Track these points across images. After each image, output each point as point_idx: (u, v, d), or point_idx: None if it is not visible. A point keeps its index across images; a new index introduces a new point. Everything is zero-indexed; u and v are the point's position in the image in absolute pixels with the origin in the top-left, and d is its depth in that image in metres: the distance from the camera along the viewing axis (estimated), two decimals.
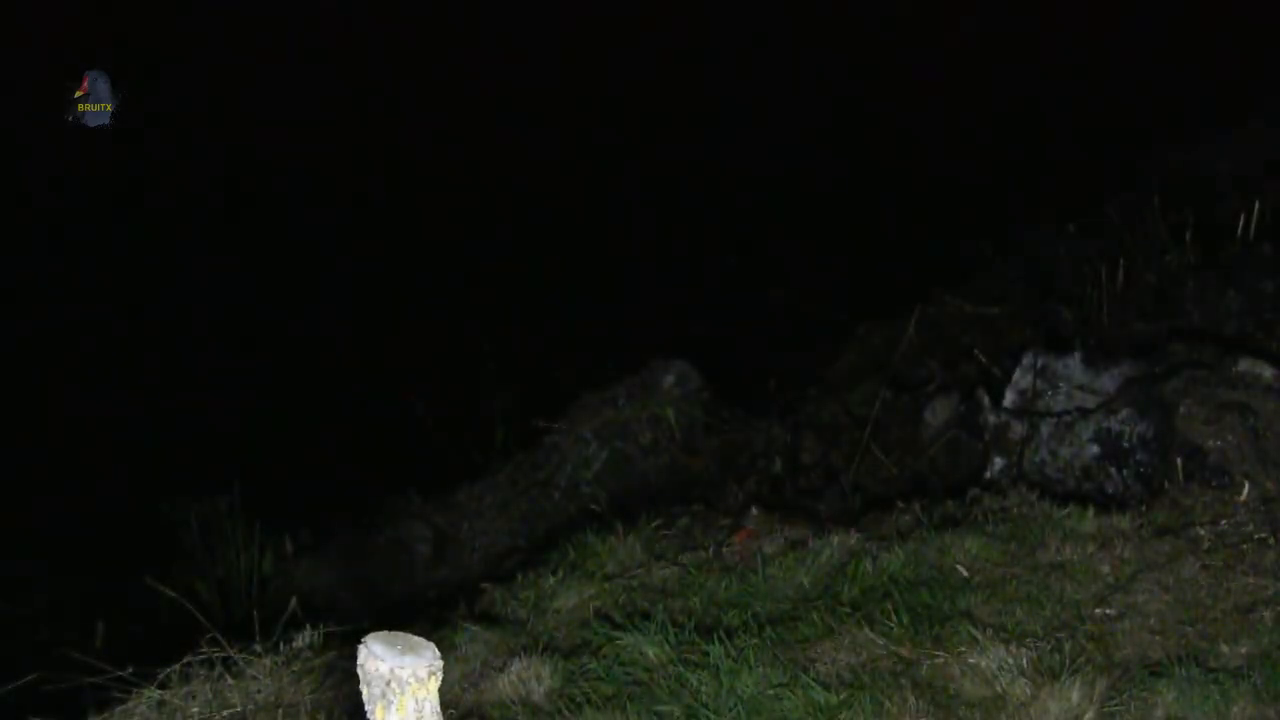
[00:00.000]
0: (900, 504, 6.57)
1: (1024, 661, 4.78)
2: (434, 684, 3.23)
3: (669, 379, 9.11)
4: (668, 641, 5.32)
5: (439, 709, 3.27)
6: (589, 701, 4.99)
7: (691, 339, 10.23)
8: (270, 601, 7.91)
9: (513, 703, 5.13)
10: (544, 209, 15.39)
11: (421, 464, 10.03)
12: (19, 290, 13.19)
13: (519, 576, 6.61)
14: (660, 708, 4.87)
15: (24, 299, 13.15)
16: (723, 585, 5.92)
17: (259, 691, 5.55)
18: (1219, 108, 11.88)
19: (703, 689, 4.92)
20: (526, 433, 9.40)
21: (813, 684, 4.83)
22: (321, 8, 17.44)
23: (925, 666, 4.88)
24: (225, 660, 5.74)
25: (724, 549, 6.38)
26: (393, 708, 3.21)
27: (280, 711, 5.36)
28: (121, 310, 13.47)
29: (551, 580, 6.32)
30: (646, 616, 5.63)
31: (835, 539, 6.12)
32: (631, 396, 9.07)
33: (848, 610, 5.40)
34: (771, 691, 4.84)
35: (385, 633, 3.31)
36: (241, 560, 8.49)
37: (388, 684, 3.19)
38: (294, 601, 6.62)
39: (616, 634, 5.48)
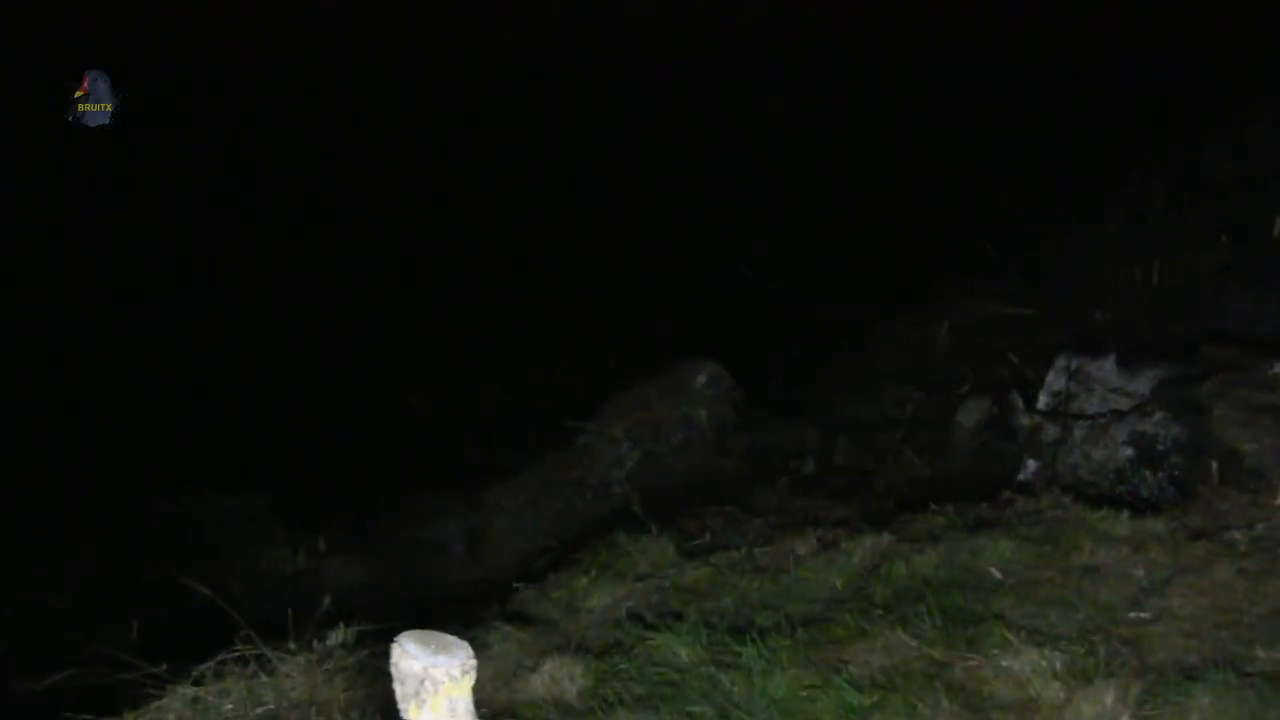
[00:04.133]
0: (933, 506, 6.56)
1: (1057, 664, 4.76)
2: (467, 683, 3.24)
3: (701, 379, 9.10)
4: (700, 642, 5.32)
5: (472, 708, 3.28)
6: (621, 701, 5.00)
7: (723, 340, 10.21)
8: (303, 599, 7.93)
9: (545, 702, 5.14)
10: (572, 207, 15.38)
11: (454, 463, 10.04)
12: (46, 283, 13.26)
13: (551, 576, 6.64)
14: (692, 708, 4.87)
15: (54, 293, 13.21)
16: (755, 586, 5.93)
17: (292, 689, 5.58)
18: (1248, 106, 11.80)
19: (735, 690, 4.93)
20: (558, 432, 9.40)
21: (845, 685, 4.83)
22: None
23: (958, 669, 4.87)
24: (259, 658, 5.77)
25: (756, 550, 6.39)
26: (426, 706, 3.22)
27: (313, 709, 5.39)
28: (153, 308, 13.53)
29: (584, 580, 6.35)
30: (679, 617, 5.64)
31: (868, 540, 6.12)
32: (663, 397, 9.07)
33: (880, 612, 5.40)
34: (804, 693, 4.84)
35: (419, 631, 3.33)
36: (275, 558, 8.50)
37: (421, 683, 3.20)
38: (327, 600, 6.64)
39: (649, 634, 5.49)
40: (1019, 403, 7.68)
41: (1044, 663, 4.77)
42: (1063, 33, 15.70)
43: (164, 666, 5.83)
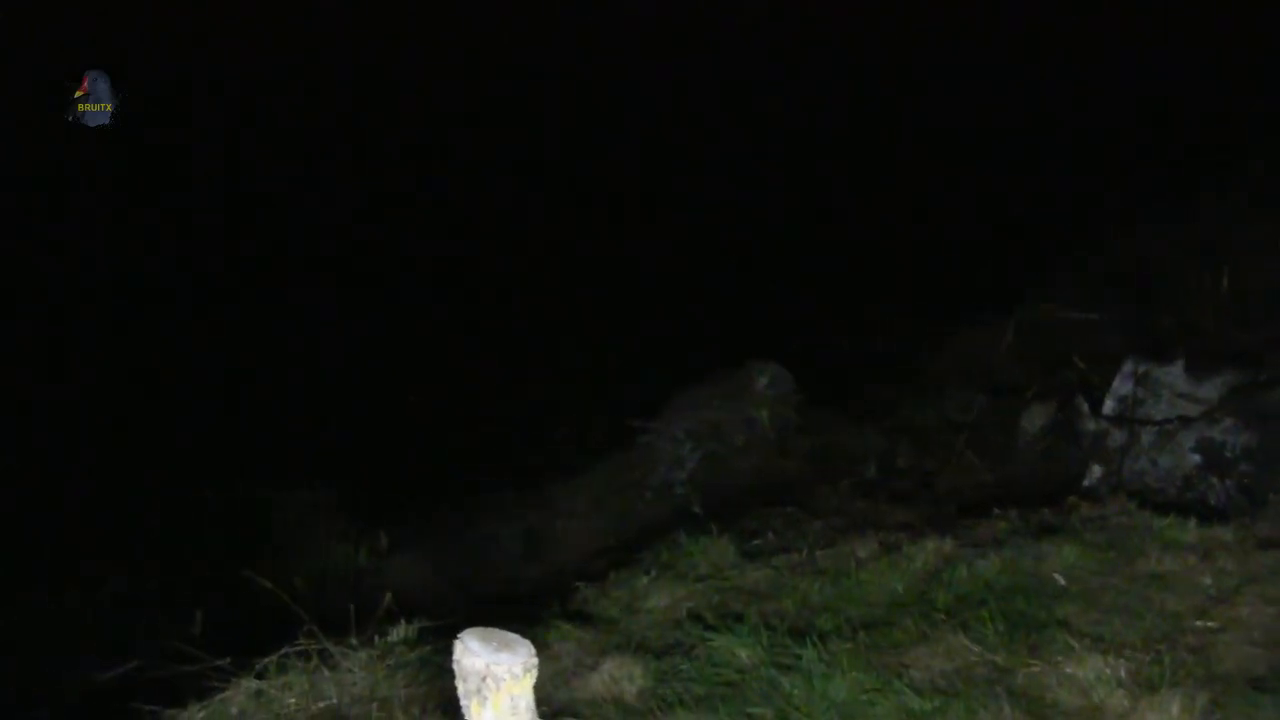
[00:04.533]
0: (996, 510, 6.52)
1: (1122, 672, 4.71)
2: (529, 681, 3.25)
3: (763, 381, 9.08)
4: (760, 643, 5.31)
5: (534, 705, 3.29)
6: (681, 702, 4.99)
7: (786, 341, 10.18)
8: (365, 595, 7.98)
9: (605, 701, 5.14)
10: (635, 212, 15.39)
11: (516, 462, 10.07)
12: (111, 279, 13.36)
13: (611, 575, 6.63)
14: (752, 709, 4.86)
15: (122, 289, 13.32)
16: (816, 588, 5.90)
17: (354, 684, 5.60)
18: None
19: (795, 692, 4.91)
20: (621, 432, 9.40)
21: (906, 690, 4.80)
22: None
23: (1020, 675, 4.83)
24: (321, 652, 5.80)
25: (817, 552, 6.36)
26: (488, 704, 3.23)
27: (375, 705, 5.41)
28: (220, 307, 13.65)
29: (644, 580, 6.34)
30: (739, 618, 5.62)
31: (930, 544, 6.09)
32: (725, 398, 9.06)
33: (942, 616, 5.36)
34: (864, 696, 4.81)
35: (481, 629, 3.34)
36: (337, 554, 8.55)
37: (483, 680, 3.21)
38: (388, 596, 6.67)
39: (709, 635, 5.48)
40: (1085, 408, 7.61)
41: (1108, 670, 4.72)
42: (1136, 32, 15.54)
43: (228, 659, 5.87)
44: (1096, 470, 7.22)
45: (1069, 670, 4.78)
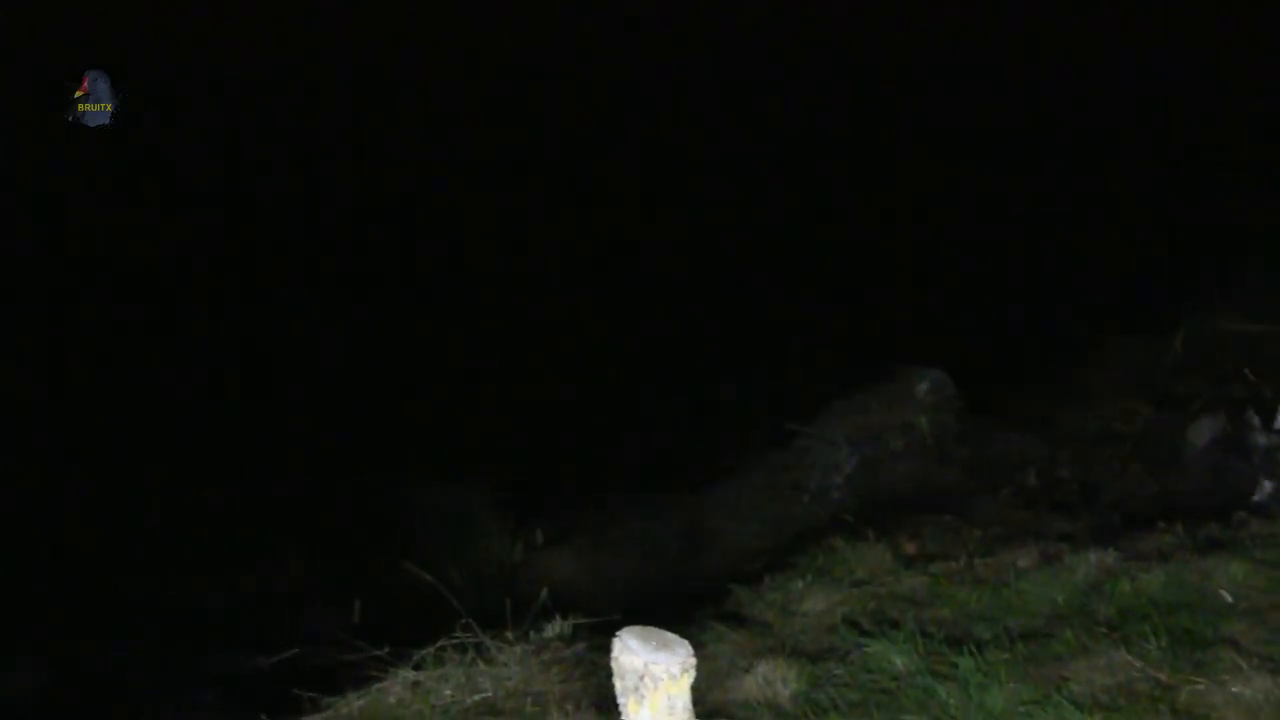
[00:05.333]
0: (1161, 524, 6.41)
1: None
2: (686, 681, 3.28)
3: (923, 386, 9.01)
4: (916, 651, 5.28)
5: (690, 706, 3.31)
6: (834, 707, 4.99)
7: (947, 348, 10.08)
8: (520, 590, 8.09)
9: (758, 704, 5.15)
10: (798, 222, 15.32)
11: (673, 461, 10.11)
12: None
13: (767, 578, 6.65)
14: (907, 717, 4.84)
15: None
16: (974, 597, 5.86)
17: (509, 678, 5.68)
18: None
19: (951, 701, 4.87)
20: (778, 435, 9.39)
21: (1065, 703, 4.73)
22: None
23: (1184, 692, 4.73)
24: (477, 646, 5.90)
25: (975, 560, 6.31)
26: (645, 702, 3.26)
27: (529, 699, 5.48)
28: (390, 303, 13.88)
29: (799, 584, 6.34)
30: (895, 625, 5.60)
31: (1091, 556, 6.00)
32: (884, 402, 9.00)
33: (1103, 630, 5.28)
34: (1022, 708, 4.76)
35: (640, 627, 3.37)
36: (494, 549, 8.65)
37: (641, 678, 3.24)
38: (544, 592, 6.76)
39: (864, 641, 5.47)
40: (1255, 421, 7.44)
41: (1277, 691, 4.60)
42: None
43: (386, 650, 6.00)
44: (1267, 486, 7.05)
45: (1235, 689, 4.67)
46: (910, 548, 6.73)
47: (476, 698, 5.58)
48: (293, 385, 12.18)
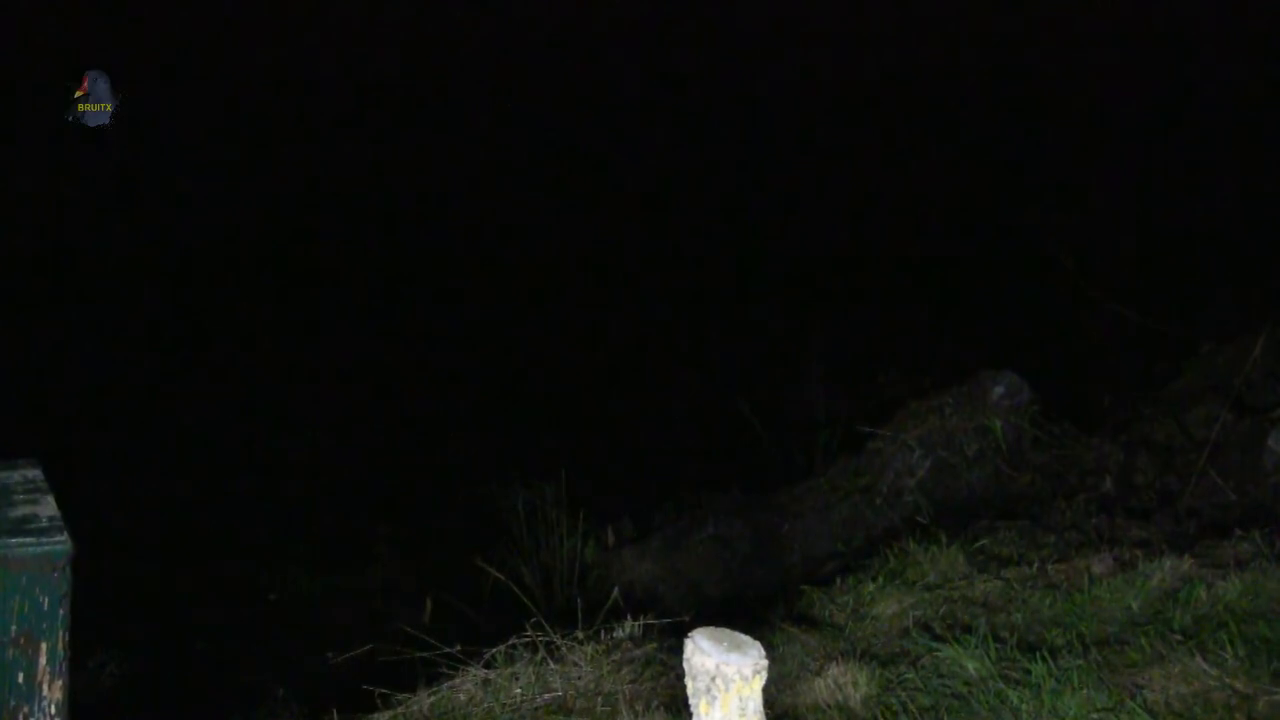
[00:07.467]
0: (1238, 531, 6.34)
1: None
2: (758, 683, 3.28)
3: (998, 390, 8.93)
4: (988, 656, 5.26)
5: (761, 708, 3.32)
6: (905, 711, 4.99)
7: (1023, 351, 10.02)
8: (591, 590, 8.14)
9: (829, 707, 5.15)
10: (874, 220, 15.28)
11: (745, 463, 10.11)
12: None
13: (838, 581, 6.64)
14: None
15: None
16: (1047, 603, 5.82)
17: (579, 678, 5.71)
18: None
19: (1023, 707, 4.86)
20: (851, 437, 9.37)
21: (1140, 711, 4.71)
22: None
23: (1262, 702, 4.69)
24: (548, 645, 5.93)
25: (1049, 566, 6.27)
26: (716, 704, 3.27)
27: (599, 699, 5.50)
28: (455, 303, 13.99)
29: (871, 587, 6.33)
30: (967, 629, 5.58)
31: (1167, 563, 5.95)
32: (959, 406, 8.94)
33: (1179, 638, 5.24)
34: (1096, 715, 4.74)
35: (711, 628, 3.38)
36: (565, 548, 8.69)
37: (713, 679, 3.25)
38: (615, 591, 6.79)
39: (936, 645, 5.45)
40: None
41: None
42: None
43: (457, 647, 6.04)
44: None
45: None
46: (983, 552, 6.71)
47: (547, 697, 5.61)
48: (369, 389, 12.32)
